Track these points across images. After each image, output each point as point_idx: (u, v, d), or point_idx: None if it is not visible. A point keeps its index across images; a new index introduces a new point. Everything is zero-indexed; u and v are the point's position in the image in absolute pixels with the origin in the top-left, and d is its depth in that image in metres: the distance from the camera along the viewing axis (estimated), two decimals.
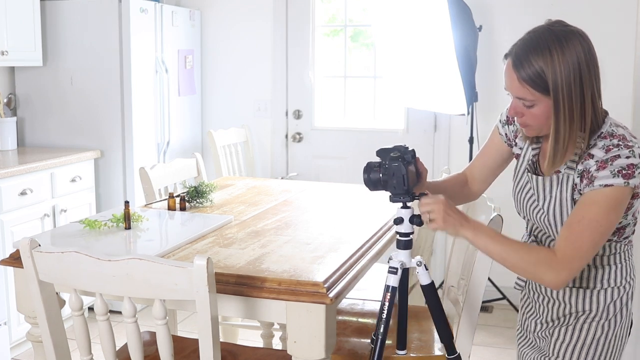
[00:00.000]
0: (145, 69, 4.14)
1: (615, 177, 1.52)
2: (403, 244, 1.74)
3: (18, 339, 3.50)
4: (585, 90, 1.54)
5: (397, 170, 1.65)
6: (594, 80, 1.56)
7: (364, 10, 4.67)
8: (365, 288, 2.80)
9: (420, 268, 1.76)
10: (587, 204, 1.55)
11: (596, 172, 1.54)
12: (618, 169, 1.52)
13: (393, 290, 1.74)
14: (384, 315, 1.73)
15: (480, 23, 4.07)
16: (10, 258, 2.07)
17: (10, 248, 3.34)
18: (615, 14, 4.07)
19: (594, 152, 1.57)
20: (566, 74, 1.53)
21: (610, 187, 1.52)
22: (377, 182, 1.70)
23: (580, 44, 1.55)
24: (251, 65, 4.78)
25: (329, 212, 2.74)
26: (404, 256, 1.75)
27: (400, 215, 1.72)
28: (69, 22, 4.07)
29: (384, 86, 4.64)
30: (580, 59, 1.54)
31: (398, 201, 1.71)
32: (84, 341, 1.81)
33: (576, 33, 1.58)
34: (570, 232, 1.56)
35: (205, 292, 1.60)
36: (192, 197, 2.73)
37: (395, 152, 1.67)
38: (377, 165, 1.69)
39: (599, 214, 1.53)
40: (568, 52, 1.54)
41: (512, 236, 1.65)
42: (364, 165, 1.73)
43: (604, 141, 1.56)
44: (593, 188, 1.54)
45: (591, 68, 1.55)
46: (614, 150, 1.54)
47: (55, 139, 4.19)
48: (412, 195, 1.69)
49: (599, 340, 1.68)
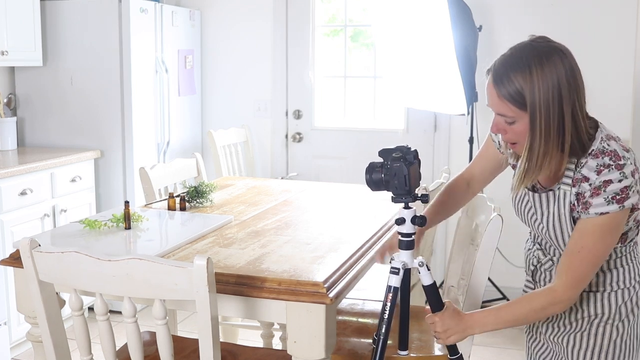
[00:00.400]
0: (145, 69, 4.14)
1: (610, 204, 1.53)
2: (405, 244, 1.74)
3: (18, 339, 3.50)
4: (564, 108, 1.53)
5: (398, 170, 1.66)
6: (575, 98, 1.54)
7: (364, 10, 4.67)
8: (365, 288, 2.80)
9: (422, 269, 1.75)
10: (585, 234, 1.58)
11: (590, 198, 1.55)
12: (612, 195, 1.53)
13: (395, 291, 1.74)
14: (386, 315, 1.72)
15: (480, 23, 4.07)
16: (10, 258, 2.07)
17: (10, 248, 3.34)
18: (615, 13, 4.07)
19: (586, 173, 1.56)
20: (544, 91, 1.51)
21: (605, 214, 1.54)
22: (379, 183, 1.71)
23: (561, 61, 1.53)
24: (251, 65, 4.78)
25: (329, 212, 2.74)
26: (406, 256, 1.75)
27: (402, 215, 1.72)
28: (69, 22, 4.07)
29: (384, 86, 4.64)
30: (561, 77, 1.52)
31: (400, 202, 1.71)
32: (84, 341, 1.81)
33: (558, 50, 1.56)
34: (570, 262, 1.60)
35: (205, 292, 1.60)
36: (192, 197, 2.73)
37: (397, 152, 1.68)
38: (379, 165, 1.70)
39: (597, 242, 1.57)
40: (548, 69, 1.52)
41: (513, 236, 1.65)
42: (364, 165, 1.74)
43: (595, 160, 1.55)
44: (589, 215, 1.56)
45: (572, 86, 1.53)
46: (604, 172, 1.53)
47: (55, 139, 4.19)
48: (414, 195, 1.70)
49: (615, 342, 1.69)
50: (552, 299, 1.61)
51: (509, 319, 1.66)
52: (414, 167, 1.69)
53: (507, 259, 4.30)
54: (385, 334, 1.73)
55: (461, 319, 1.70)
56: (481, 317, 1.69)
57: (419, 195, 1.71)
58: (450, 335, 1.70)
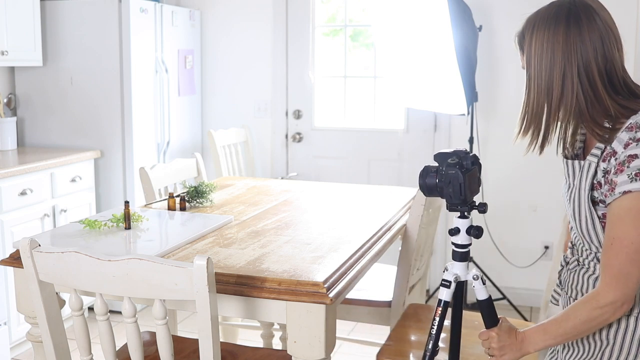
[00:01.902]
0: (145, 69, 4.14)
1: (634, 181, 1.40)
2: (459, 255, 1.63)
3: (18, 339, 3.50)
4: (555, 69, 1.51)
5: (454, 178, 1.55)
6: (579, 61, 1.50)
7: (364, 10, 4.67)
8: (365, 288, 2.81)
9: (477, 282, 1.65)
10: (613, 222, 1.45)
11: (615, 176, 1.44)
12: (635, 171, 1.40)
13: (445, 305, 1.63)
14: (434, 330, 1.63)
15: (480, 23, 4.07)
16: (10, 258, 2.07)
17: (10, 248, 3.34)
18: (615, 14, 4.06)
19: (616, 146, 1.46)
20: (538, 47, 1.53)
21: (629, 194, 1.41)
22: (432, 188, 1.60)
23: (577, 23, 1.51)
24: (251, 65, 4.78)
25: (329, 212, 2.74)
26: (459, 269, 1.64)
27: (457, 225, 1.61)
28: (68, 22, 4.07)
29: (384, 86, 4.64)
30: (561, 37, 1.51)
31: (455, 210, 1.60)
32: (84, 341, 1.81)
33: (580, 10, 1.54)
34: (606, 258, 1.47)
35: (205, 292, 1.60)
36: (192, 197, 2.73)
37: (454, 157, 1.57)
38: (433, 170, 1.59)
39: (628, 231, 1.42)
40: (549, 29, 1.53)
41: (513, 236, 1.63)
42: (364, 165, 1.72)
43: (628, 134, 1.45)
44: (614, 197, 1.44)
45: (576, 48, 1.50)
46: (631, 146, 1.42)
47: (55, 139, 4.19)
48: (470, 204, 1.59)
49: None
50: (596, 303, 1.46)
51: (559, 333, 1.53)
52: (472, 174, 1.57)
53: (507, 259, 4.30)
54: (432, 350, 1.63)
55: (516, 336, 1.59)
56: (533, 334, 1.57)
57: (475, 204, 1.61)
58: (505, 353, 1.59)
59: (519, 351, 1.57)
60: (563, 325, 1.52)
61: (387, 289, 2.84)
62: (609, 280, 1.44)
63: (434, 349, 1.63)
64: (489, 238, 4.21)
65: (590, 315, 1.48)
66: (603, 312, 1.46)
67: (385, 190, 3.20)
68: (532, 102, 1.55)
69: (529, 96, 1.56)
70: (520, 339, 1.58)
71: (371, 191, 3.16)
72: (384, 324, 2.76)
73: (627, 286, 1.43)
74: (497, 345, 1.59)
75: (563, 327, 1.52)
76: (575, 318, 1.50)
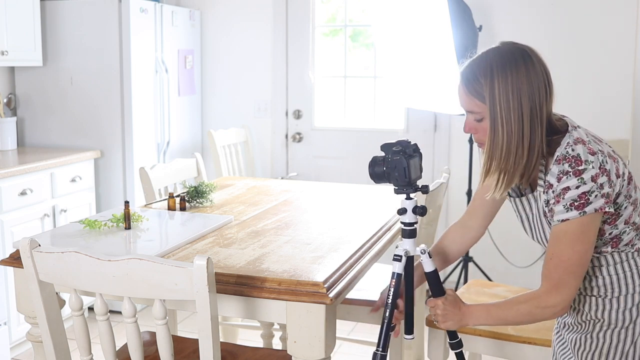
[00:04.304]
0: (145, 69, 4.14)
1: (569, 210, 1.57)
2: (407, 233, 1.82)
3: (18, 339, 3.50)
4: (523, 109, 1.58)
5: (398, 163, 1.76)
6: (536, 100, 1.59)
7: (364, 11, 4.67)
8: (365, 288, 2.81)
9: (424, 256, 1.83)
10: (554, 241, 1.63)
11: (554, 205, 1.61)
12: (569, 202, 1.57)
13: (398, 277, 1.82)
14: (389, 300, 1.80)
15: (480, 23, 4.07)
16: (10, 258, 2.07)
17: (10, 248, 3.34)
18: (615, 13, 4.07)
19: (551, 180, 1.62)
20: (504, 91, 1.58)
21: (567, 221, 1.58)
22: (381, 175, 1.80)
23: (524, 64, 1.59)
24: (251, 65, 4.78)
25: (329, 212, 2.74)
26: (408, 244, 1.82)
27: (404, 206, 1.80)
28: (69, 22, 4.07)
29: (384, 86, 4.64)
30: (521, 79, 1.58)
31: (401, 193, 1.80)
32: (84, 341, 1.81)
33: (522, 51, 1.62)
34: (546, 268, 1.65)
35: (205, 292, 1.60)
36: (192, 197, 2.73)
37: (397, 146, 1.78)
38: (380, 159, 1.80)
39: (565, 250, 1.60)
40: (509, 71, 1.59)
41: (513, 236, 1.67)
42: (364, 165, 1.79)
43: (557, 167, 1.60)
44: (554, 223, 1.61)
45: (534, 88, 1.59)
46: (563, 180, 1.58)
47: (55, 139, 4.19)
48: (414, 187, 1.79)
49: (616, 348, 1.68)
50: (538, 303, 1.65)
51: (499, 317, 1.73)
52: (414, 160, 1.78)
53: (507, 259, 4.30)
54: (389, 318, 1.80)
55: (460, 307, 1.77)
56: (475, 310, 1.76)
57: (419, 187, 1.80)
58: (447, 321, 1.77)
59: (459, 321, 1.77)
60: (505, 313, 1.71)
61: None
62: (550, 288, 1.64)
63: (391, 317, 1.80)
64: (489, 238, 4.21)
65: (532, 311, 1.67)
66: (544, 312, 1.66)
67: (385, 190, 3.20)
68: (501, 146, 1.62)
69: (496, 141, 1.62)
70: (463, 311, 1.77)
71: (371, 191, 3.16)
72: None
73: (565, 293, 1.63)
74: (441, 312, 1.78)
75: (504, 314, 1.71)
76: (517, 310, 1.69)
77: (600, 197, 1.56)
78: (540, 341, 2.21)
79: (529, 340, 2.24)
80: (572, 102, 3.84)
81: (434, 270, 1.84)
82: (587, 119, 2.48)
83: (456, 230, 2.01)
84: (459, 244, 2.01)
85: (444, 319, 1.78)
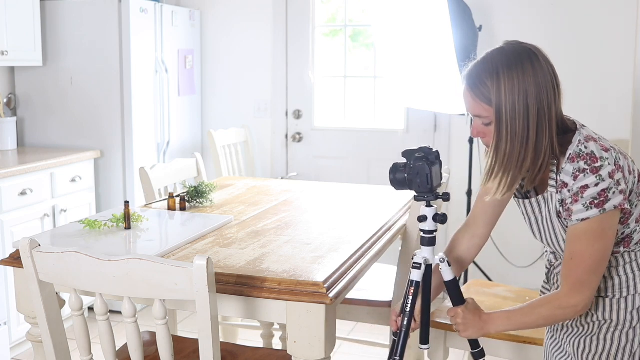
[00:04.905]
0: (145, 69, 4.14)
1: (589, 209, 1.56)
2: (427, 240, 1.81)
3: (18, 339, 3.50)
4: (530, 110, 1.56)
5: (421, 170, 1.73)
6: (544, 100, 1.57)
7: (364, 11, 4.67)
8: (365, 288, 2.81)
9: (443, 264, 1.82)
10: (573, 240, 1.61)
11: (571, 205, 1.59)
12: (589, 200, 1.55)
13: (416, 285, 1.79)
14: (407, 308, 1.78)
15: (480, 23, 4.07)
16: (10, 258, 2.07)
17: (10, 248, 3.34)
18: (615, 13, 4.07)
19: (565, 179, 1.60)
20: (510, 93, 1.56)
21: (587, 220, 1.57)
22: (402, 182, 1.77)
23: (531, 64, 1.58)
24: (251, 65, 4.78)
25: (329, 212, 2.74)
26: (428, 253, 1.81)
27: (425, 213, 1.79)
28: (69, 22, 4.07)
29: (384, 86, 4.64)
30: (528, 79, 1.56)
31: (422, 200, 1.77)
32: (84, 341, 1.81)
33: (528, 51, 1.60)
34: (567, 269, 1.63)
35: (205, 292, 1.60)
36: (192, 197, 2.73)
37: (420, 152, 1.75)
38: (402, 165, 1.77)
39: (586, 249, 1.59)
40: (515, 72, 1.57)
41: (513, 235, 1.66)
42: (364, 165, 1.77)
43: (572, 165, 1.58)
44: (572, 223, 1.60)
45: (541, 88, 1.57)
46: (580, 177, 1.56)
47: (55, 139, 4.19)
48: (435, 194, 1.76)
49: (624, 350, 1.67)
50: (559, 305, 1.64)
51: (521, 322, 1.71)
52: (436, 168, 1.76)
53: (507, 259, 4.30)
54: (407, 327, 1.77)
55: (480, 315, 1.75)
56: (496, 317, 1.74)
57: (440, 194, 1.77)
58: (468, 329, 1.75)
59: (481, 330, 1.74)
60: (526, 317, 1.69)
61: (387, 289, 2.84)
62: (571, 287, 1.62)
63: (409, 325, 1.77)
64: (489, 238, 4.21)
65: (554, 313, 1.66)
66: (565, 312, 1.64)
67: (385, 190, 3.20)
68: (505, 148, 1.60)
69: (500, 143, 1.60)
70: (484, 319, 1.74)
71: (371, 191, 3.16)
72: (384, 324, 2.75)
73: (586, 292, 1.62)
74: (462, 321, 1.75)
75: (525, 319, 1.70)
76: (538, 314, 1.68)
77: (619, 194, 1.55)
78: (541, 341, 2.21)
79: (529, 340, 2.25)
80: (572, 102, 3.82)
81: (453, 278, 1.82)
82: (587, 119, 2.48)
83: (465, 238, 1.97)
84: (472, 251, 1.97)
85: (464, 328, 1.76)
